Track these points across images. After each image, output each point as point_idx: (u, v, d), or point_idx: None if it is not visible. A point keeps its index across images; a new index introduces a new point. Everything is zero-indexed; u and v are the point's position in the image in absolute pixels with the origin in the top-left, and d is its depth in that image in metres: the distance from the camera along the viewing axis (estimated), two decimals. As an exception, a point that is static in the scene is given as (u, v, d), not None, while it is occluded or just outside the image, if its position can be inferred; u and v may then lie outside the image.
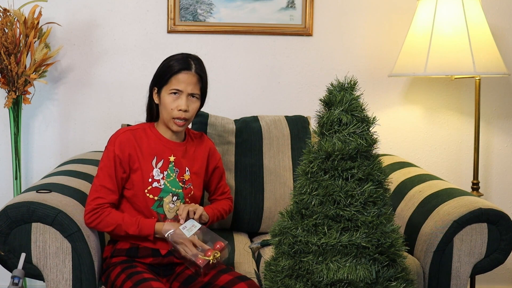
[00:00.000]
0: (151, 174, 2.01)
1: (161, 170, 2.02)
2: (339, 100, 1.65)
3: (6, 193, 2.81)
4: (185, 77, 1.99)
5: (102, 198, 1.97)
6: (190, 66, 2.00)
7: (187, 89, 1.99)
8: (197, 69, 2.01)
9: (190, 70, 2.00)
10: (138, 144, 2.02)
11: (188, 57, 2.03)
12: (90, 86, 2.84)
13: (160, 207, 2.01)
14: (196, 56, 2.07)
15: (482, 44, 2.56)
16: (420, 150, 3.01)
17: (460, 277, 2.08)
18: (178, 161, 2.06)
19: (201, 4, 2.82)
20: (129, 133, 2.03)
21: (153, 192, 2.01)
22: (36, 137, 2.84)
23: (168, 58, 2.05)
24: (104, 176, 1.99)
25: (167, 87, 2.00)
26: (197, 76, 2.01)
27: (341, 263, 1.60)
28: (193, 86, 2.00)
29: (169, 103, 1.99)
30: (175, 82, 1.98)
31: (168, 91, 1.99)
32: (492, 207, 2.08)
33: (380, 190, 1.65)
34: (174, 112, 1.98)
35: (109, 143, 2.03)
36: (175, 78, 1.98)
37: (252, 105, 2.89)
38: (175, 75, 1.98)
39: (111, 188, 1.98)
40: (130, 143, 2.01)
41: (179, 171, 2.05)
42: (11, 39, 2.48)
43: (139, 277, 1.86)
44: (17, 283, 1.73)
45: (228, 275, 1.92)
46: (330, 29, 2.91)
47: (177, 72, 1.98)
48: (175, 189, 2.03)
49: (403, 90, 2.98)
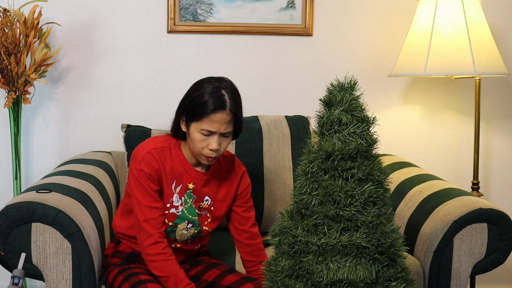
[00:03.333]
0: (171, 200, 1.93)
1: (180, 196, 1.94)
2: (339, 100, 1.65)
3: (6, 193, 2.81)
4: (219, 117, 1.81)
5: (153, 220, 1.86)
6: (225, 104, 1.82)
7: (219, 129, 1.83)
8: (232, 107, 1.83)
9: (225, 109, 1.82)
10: (162, 165, 1.90)
11: (220, 88, 1.84)
12: (90, 86, 2.84)
13: (173, 232, 1.95)
14: (230, 84, 1.88)
15: (482, 44, 2.57)
16: (420, 150, 3.01)
17: (460, 277, 2.08)
18: (197, 190, 1.95)
19: (201, 4, 2.82)
20: (154, 152, 1.89)
21: (169, 218, 1.93)
22: (36, 137, 2.84)
23: (199, 89, 1.85)
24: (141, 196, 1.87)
25: (198, 125, 1.83)
26: (231, 115, 1.83)
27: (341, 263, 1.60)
28: (227, 125, 1.84)
29: (199, 142, 1.84)
30: (207, 122, 1.81)
31: (199, 129, 1.83)
32: (492, 207, 2.08)
33: (380, 190, 1.65)
34: (205, 150, 1.85)
35: (132, 162, 1.90)
36: (208, 119, 1.81)
37: (252, 105, 2.88)
38: (209, 115, 1.81)
39: (154, 206, 1.88)
40: (156, 162, 1.89)
41: (197, 198, 1.96)
42: (11, 39, 2.48)
43: (136, 279, 1.86)
44: (17, 283, 1.73)
45: (234, 276, 1.92)
46: (330, 29, 2.91)
47: (210, 113, 1.81)
48: (192, 216, 1.95)
49: (403, 90, 2.98)
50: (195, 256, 2.08)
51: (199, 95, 1.83)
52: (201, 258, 2.07)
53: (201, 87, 1.85)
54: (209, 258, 2.09)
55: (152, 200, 1.88)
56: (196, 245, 2.04)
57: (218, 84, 1.85)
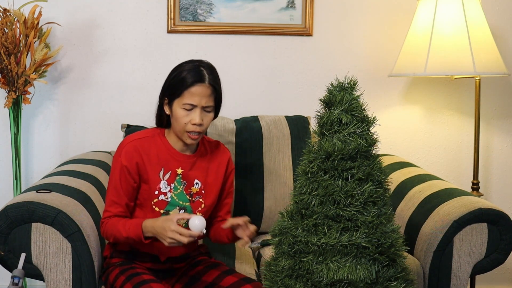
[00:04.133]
0: (158, 186, 1.95)
1: (168, 182, 1.96)
2: (339, 100, 1.65)
3: (6, 193, 2.81)
4: (199, 90, 1.88)
5: (108, 212, 1.94)
6: (203, 78, 1.89)
7: (201, 103, 1.88)
8: (211, 80, 1.90)
9: (204, 82, 1.89)
10: (146, 154, 1.94)
11: (200, 66, 1.92)
12: (90, 86, 2.84)
13: None
14: (208, 63, 1.96)
15: (482, 44, 2.57)
16: (420, 150, 3.01)
17: (460, 277, 2.08)
18: (186, 174, 1.98)
19: (201, 4, 2.82)
20: (136, 142, 1.95)
21: (159, 205, 1.95)
22: (36, 137, 2.84)
23: (179, 68, 1.94)
24: (110, 188, 1.95)
25: (180, 100, 1.89)
26: (211, 88, 1.90)
27: (341, 263, 1.60)
28: (207, 98, 1.90)
29: (182, 117, 1.89)
30: (188, 96, 1.88)
31: (181, 105, 1.89)
32: (492, 207, 2.08)
33: (380, 190, 1.65)
34: (188, 126, 1.89)
35: (116, 152, 1.97)
36: (188, 92, 1.88)
37: (252, 105, 2.88)
38: (188, 88, 1.88)
39: (116, 201, 1.93)
40: (137, 153, 1.93)
41: (187, 183, 1.98)
42: (11, 39, 2.48)
43: (138, 279, 1.86)
44: (17, 283, 1.73)
45: (233, 277, 1.92)
46: (330, 29, 2.91)
47: (190, 86, 1.88)
48: (182, 202, 1.97)
49: (403, 90, 2.98)
50: (194, 256, 2.08)
51: (178, 73, 1.92)
52: (200, 258, 2.07)
53: (180, 67, 1.95)
54: (208, 258, 2.09)
55: (115, 194, 1.93)
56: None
57: (198, 63, 1.94)
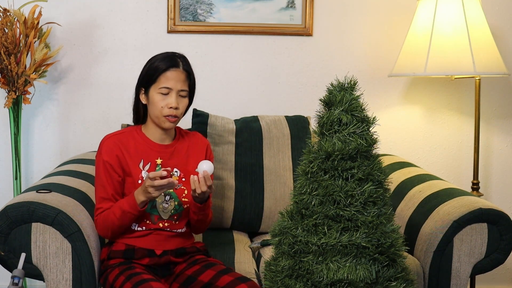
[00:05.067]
0: (140, 176, 2.01)
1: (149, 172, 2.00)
2: (339, 100, 1.65)
3: (6, 193, 2.81)
4: (174, 74, 1.99)
5: (99, 209, 2.00)
6: (178, 63, 2.00)
7: (176, 86, 1.99)
8: (185, 65, 2.02)
9: (178, 67, 2.00)
10: (125, 147, 2.03)
11: (173, 55, 2.03)
12: (90, 86, 2.84)
13: (154, 208, 2.01)
14: (181, 53, 2.07)
15: (482, 44, 2.57)
16: (420, 150, 3.01)
17: (460, 277, 2.08)
18: (165, 163, 2.05)
19: (201, 4, 2.82)
20: (115, 137, 2.04)
21: None
22: (36, 137, 2.84)
23: (152, 59, 2.04)
24: (97, 186, 2.01)
25: (156, 85, 1.99)
26: (185, 73, 2.01)
27: (341, 263, 1.60)
28: (182, 83, 2.00)
29: (158, 101, 1.98)
30: (163, 80, 1.98)
31: (157, 90, 1.99)
32: (492, 207, 2.08)
33: (380, 190, 1.65)
34: (165, 110, 1.98)
35: (97, 152, 2.05)
36: (164, 76, 1.98)
37: (252, 105, 2.88)
38: (163, 73, 1.98)
39: (104, 197, 2.00)
40: (116, 147, 2.02)
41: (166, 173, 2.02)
42: (11, 39, 2.48)
43: (138, 278, 1.86)
44: (17, 283, 1.73)
45: (229, 276, 1.92)
46: (330, 29, 2.91)
47: (165, 70, 1.98)
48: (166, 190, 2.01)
49: (403, 90, 2.98)
50: (192, 254, 2.08)
51: (152, 62, 2.02)
52: (198, 257, 2.07)
53: (154, 58, 2.04)
54: (206, 257, 2.09)
55: (103, 191, 1.99)
56: (183, 224, 2.06)
57: (170, 53, 2.04)
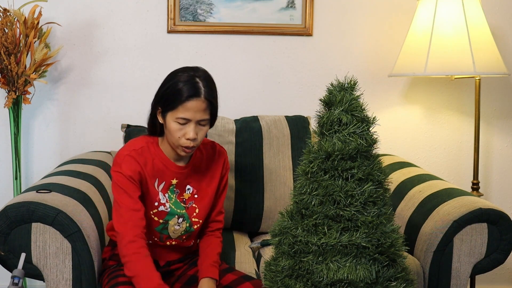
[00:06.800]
0: (157, 198, 1.92)
1: (163, 193, 1.94)
2: (339, 100, 1.65)
3: (6, 193, 2.81)
4: (194, 104, 1.81)
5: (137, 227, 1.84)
6: (199, 91, 1.81)
7: (195, 117, 1.82)
8: (206, 93, 1.82)
9: (200, 96, 1.81)
10: (144, 165, 1.90)
11: (194, 76, 1.84)
12: (90, 86, 2.84)
13: (165, 229, 1.96)
14: (204, 72, 1.88)
15: (482, 44, 2.56)
16: (420, 150, 3.01)
17: (460, 277, 2.08)
18: (180, 184, 1.96)
19: (201, 4, 2.82)
20: (134, 154, 1.89)
21: (159, 215, 1.94)
22: (36, 137, 2.84)
23: (174, 77, 1.86)
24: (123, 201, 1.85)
25: (173, 114, 1.83)
26: (206, 102, 1.82)
27: (341, 263, 1.60)
28: (202, 113, 1.83)
29: (175, 131, 1.83)
30: (182, 110, 1.81)
31: (174, 118, 1.82)
32: (492, 207, 2.08)
33: (380, 190, 1.65)
34: (182, 140, 1.84)
35: (114, 167, 1.89)
36: (183, 107, 1.81)
37: (252, 105, 2.89)
38: (183, 103, 1.81)
39: (134, 208, 1.85)
40: (137, 163, 1.88)
41: (179, 191, 1.97)
42: (11, 39, 2.48)
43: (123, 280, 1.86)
44: (17, 283, 1.73)
45: (233, 275, 1.92)
46: (330, 29, 2.91)
47: (185, 100, 1.80)
48: (179, 211, 1.95)
49: (403, 90, 2.98)
50: (193, 255, 2.08)
51: (173, 84, 1.84)
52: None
53: (176, 76, 1.86)
54: None
55: (132, 202, 1.86)
56: (191, 241, 2.04)
57: (193, 73, 1.85)
